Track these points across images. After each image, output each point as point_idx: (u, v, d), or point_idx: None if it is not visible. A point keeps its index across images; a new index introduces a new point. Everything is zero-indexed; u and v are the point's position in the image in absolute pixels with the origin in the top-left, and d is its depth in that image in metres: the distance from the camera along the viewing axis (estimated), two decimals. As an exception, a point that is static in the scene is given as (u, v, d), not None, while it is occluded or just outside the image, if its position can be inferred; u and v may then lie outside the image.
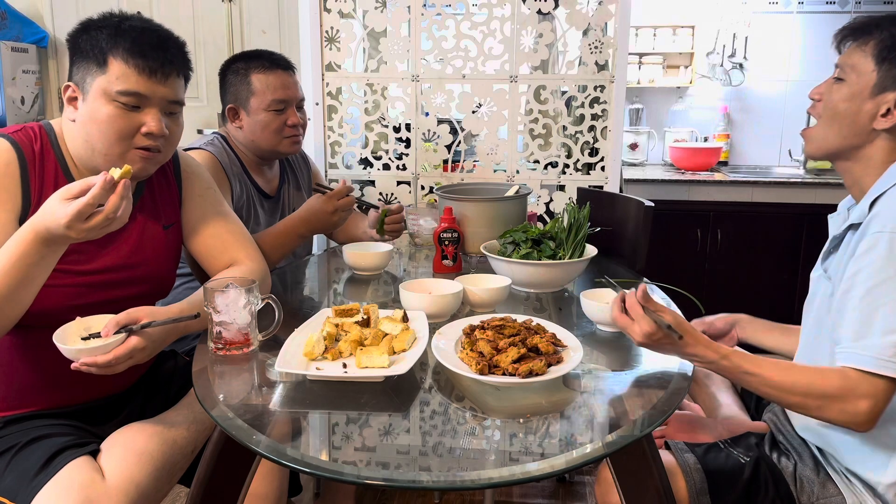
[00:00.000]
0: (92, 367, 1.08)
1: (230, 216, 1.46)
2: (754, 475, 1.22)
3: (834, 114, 1.19)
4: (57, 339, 1.10)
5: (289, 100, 1.81)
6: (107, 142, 1.20)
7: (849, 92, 1.17)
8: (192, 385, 1.14)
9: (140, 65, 1.19)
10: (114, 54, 1.18)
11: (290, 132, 1.82)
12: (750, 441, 1.30)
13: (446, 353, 1.15)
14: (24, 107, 3.03)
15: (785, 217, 2.95)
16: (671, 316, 1.10)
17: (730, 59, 3.33)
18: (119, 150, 1.21)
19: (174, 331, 1.21)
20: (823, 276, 1.24)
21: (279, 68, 1.81)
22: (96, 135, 1.20)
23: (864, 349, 1.05)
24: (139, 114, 1.21)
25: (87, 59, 1.20)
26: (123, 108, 1.19)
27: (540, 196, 2.42)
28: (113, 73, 1.18)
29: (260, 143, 1.82)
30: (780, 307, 3.03)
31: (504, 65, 2.33)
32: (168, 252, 1.38)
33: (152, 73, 1.20)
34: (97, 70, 1.19)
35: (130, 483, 1.11)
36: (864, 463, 1.17)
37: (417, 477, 0.88)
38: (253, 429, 0.96)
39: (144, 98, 1.21)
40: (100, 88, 1.19)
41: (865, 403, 1.03)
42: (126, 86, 1.19)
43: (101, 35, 1.19)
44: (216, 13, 3.12)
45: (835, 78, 1.21)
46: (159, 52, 1.21)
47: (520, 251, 1.63)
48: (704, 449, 1.27)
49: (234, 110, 1.82)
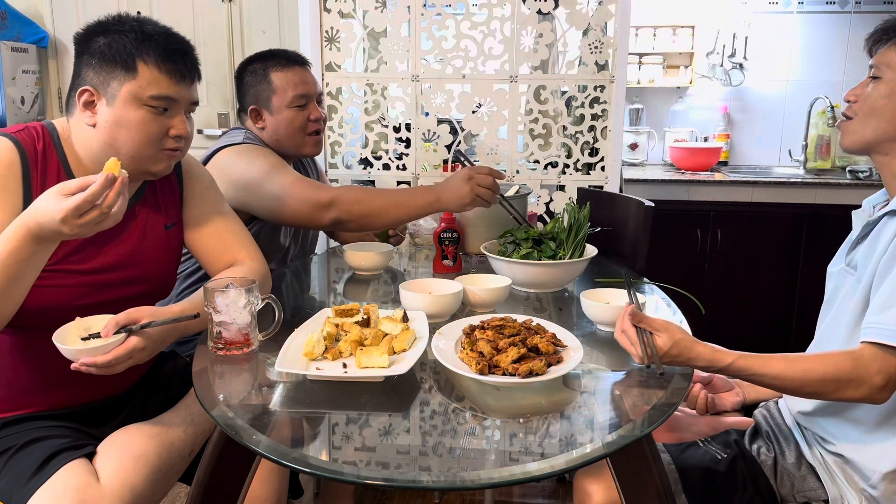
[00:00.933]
0: (91, 367, 1.08)
1: (231, 215, 1.46)
2: (730, 471, 1.23)
3: (873, 109, 1.20)
4: (56, 340, 1.10)
5: (310, 94, 1.82)
6: (136, 145, 1.22)
7: (887, 88, 1.19)
8: (191, 386, 1.14)
9: (171, 70, 1.22)
10: (145, 60, 1.20)
11: (313, 127, 1.83)
12: (729, 438, 1.31)
13: (446, 353, 1.15)
14: (24, 107, 3.03)
15: (785, 217, 2.95)
16: (664, 337, 1.11)
17: (730, 59, 3.34)
18: (149, 153, 1.23)
19: (174, 331, 1.21)
20: (846, 269, 1.25)
21: (297, 64, 1.82)
22: (124, 138, 1.21)
23: (884, 322, 1.07)
24: (166, 117, 1.24)
25: (111, 64, 1.20)
26: (154, 111, 1.22)
27: (540, 196, 2.42)
28: (144, 78, 1.20)
29: (284, 143, 1.82)
30: (780, 307, 3.03)
31: (504, 65, 2.33)
32: (169, 252, 1.38)
33: (182, 78, 1.24)
34: (125, 74, 1.20)
35: (126, 486, 1.11)
36: (862, 451, 1.18)
37: (417, 477, 0.88)
38: (253, 429, 0.96)
39: (174, 102, 1.24)
40: (129, 93, 1.20)
41: (880, 378, 1.06)
42: (159, 90, 1.21)
43: (126, 40, 1.20)
44: (216, 13, 3.12)
45: (871, 77, 1.23)
46: (185, 57, 1.25)
47: (520, 251, 1.63)
48: (683, 447, 1.28)
49: (257, 111, 1.82)
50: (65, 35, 3.15)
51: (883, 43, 1.21)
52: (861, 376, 1.07)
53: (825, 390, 1.10)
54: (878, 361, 1.07)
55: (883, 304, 1.09)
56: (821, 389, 1.10)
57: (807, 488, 1.22)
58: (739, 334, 3.03)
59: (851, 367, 1.07)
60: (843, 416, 1.21)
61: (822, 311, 1.33)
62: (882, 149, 1.22)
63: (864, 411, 1.17)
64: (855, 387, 1.07)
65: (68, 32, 3.13)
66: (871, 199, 1.31)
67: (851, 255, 1.25)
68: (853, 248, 1.26)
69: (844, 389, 1.08)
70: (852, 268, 1.23)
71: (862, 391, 1.07)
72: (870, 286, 1.15)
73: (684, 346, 1.11)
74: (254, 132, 1.84)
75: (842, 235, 1.33)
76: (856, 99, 1.24)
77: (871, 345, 1.08)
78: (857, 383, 1.07)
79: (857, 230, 1.27)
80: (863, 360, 1.07)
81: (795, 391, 1.13)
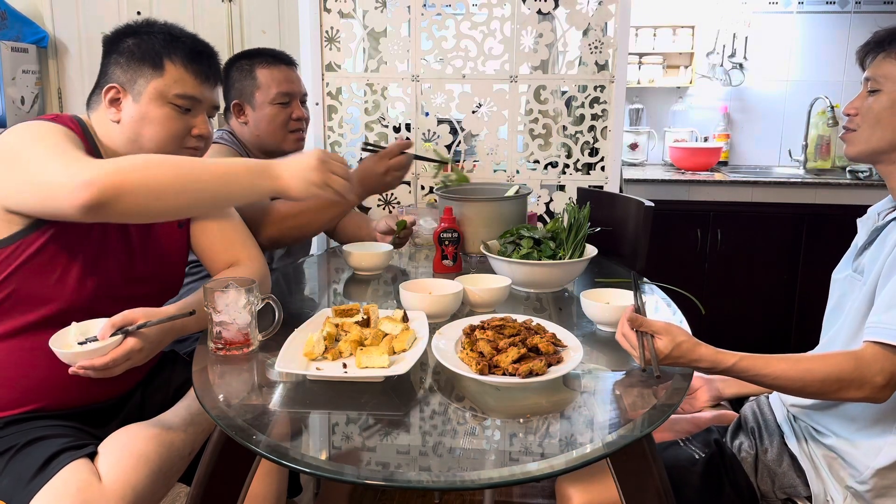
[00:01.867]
0: (90, 370, 1.08)
1: (233, 214, 1.47)
2: (706, 471, 1.25)
3: (878, 120, 1.21)
4: (53, 344, 1.10)
5: (293, 93, 1.84)
6: (158, 142, 1.25)
7: (889, 99, 1.20)
8: (190, 385, 1.14)
9: (197, 70, 1.27)
10: (172, 59, 1.25)
11: (294, 125, 1.85)
12: (710, 436, 1.32)
13: (446, 353, 1.15)
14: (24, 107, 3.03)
15: (785, 217, 2.95)
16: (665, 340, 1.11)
17: (730, 59, 3.34)
18: (171, 150, 1.26)
19: (171, 331, 1.21)
20: (853, 275, 1.25)
21: (283, 63, 1.85)
22: (148, 134, 1.25)
23: (887, 322, 1.08)
24: (189, 117, 1.28)
25: (139, 62, 1.25)
26: (178, 110, 1.26)
27: (540, 196, 2.41)
28: (171, 77, 1.25)
29: (265, 139, 1.84)
30: (780, 307, 3.03)
31: (504, 65, 2.33)
32: (181, 250, 1.41)
33: (206, 79, 1.29)
34: (152, 73, 1.24)
35: (127, 486, 1.11)
36: (856, 446, 1.18)
37: (417, 477, 0.88)
38: (253, 429, 0.96)
39: (197, 102, 1.28)
40: (155, 90, 1.24)
41: (881, 378, 1.07)
42: (184, 89, 1.26)
43: (156, 40, 1.25)
44: (216, 13, 3.12)
45: (868, 91, 1.24)
46: (210, 60, 1.31)
47: (520, 251, 1.63)
48: (663, 447, 1.29)
49: (239, 106, 1.85)
50: (65, 35, 3.15)
51: (875, 55, 1.23)
52: (863, 376, 1.07)
53: (827, 390, 1.10)
54: (879, 361, 1.07)
55: (887, 304, 1.10)
56: (823, 390, 1.10)
57: (787, 483, 1.23)
58: (739, 334, 3.03)
59: (853, 368, 1.08)
60: (839, 411, 1.22)
61: (828, 317, 1.34)
62: (888, 158, 1.23)
63: (861, 407, 1.18)
64: (857, 387, 1.08)
65: (68, 32, 3.13)
66: (876, 207, 1.32)
67: (858, 261, 1.26)
68: (860, 255, 1.26)
69: (846, 390, 1.09)
70: (859, 273, 1.24)
71: (863, 391, 1.08)
72: (874, 288, 1.16)
73: (686, 348, 1.11)
74: (234, 130, 1.86)
75: (842, 235, 1.33)
76: (856, 112, 1.25)
77: (873, 344, 1.09)
78: (858, 383, 1.08)
79: (864, 237, 1.28)
80: (864, 359, 1.08)
81: (798, 391, 1.14)
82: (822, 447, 1.23)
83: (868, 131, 1.23)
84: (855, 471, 1.18)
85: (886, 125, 1.20)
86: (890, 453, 1.15)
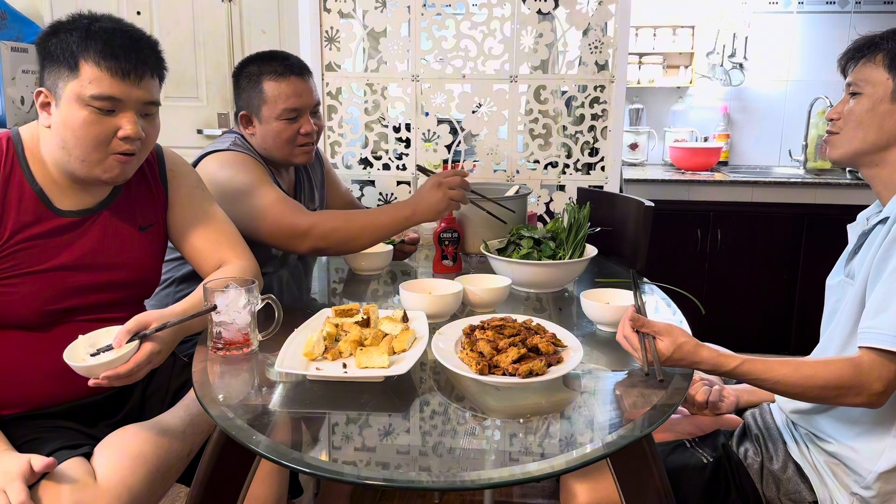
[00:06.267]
0: (113, 379, 1.08)
1: (218, 214, 1.45)
2: (715, 475, 1.25)
3: (859, 123, 1.22)
4: (68, 359, 1.09)
5: (302, 108, 1.75)
6: (84, 148, 1.17)
7: (869, 102, 1.21)
8: (190, 386, 1.13)
9: (113, 67, 1.15)
10: (85, 58, 1.15)
11: (302, 140, 1.77)
12: (717, 441, 1.32)
13: (446, 354, 1.15)
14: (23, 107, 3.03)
15: (785, 217, 2.95)
16: (667, 341, 1.11)
17: (730, 59, 3.33)
18: (97, 156, 1.19)
19: (181, 331, 1.21)
20: (845, 280, 1.26)
21: (292, 74, 1.74)
22: (72, 141, 1.17)
23: (880, 326, 1.08)
24: (114, 118, 1.18)
25: (57, 64, 1.16)
26: (98, 112, 1.16)
27: (540, 196, 2.42)
28: (85, 77, 1.15)
29: (273, 152, 1.77)
30: (780, 307, 3.03)
31: (504, 65, 2.33)
32: (149, 254, 1.37)
33: (126, 76, 1.16)
34: (69, 74, 1.15)
35: (123, 486, 1.11)
36: (858, 450, 1.18)
37: (417, 477, 0.88)
38: (253, 429, 0.96)
39: (118, 101, 1.17)
40: (73, 93, 1.15)
41: (879, 384, 1.08)
42: (99, 90, 1.15)
43: (71, 38, 1.16)
44: (216, 13, 3.12)
45: (850, 94, 1.25)
46: (132, 53, 1.17)
47: (520, 251, 1.63)
48: (670, 448, 1.29)
49: (247, 117, 1.78)
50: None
51: (856, 61, 1.24)
52: (862, 383, 1.08)
53: (827, 396, 1.11)
54: (877, 368, 1.08)
55: (878, 307, 1.10)
56: (822, 395, 1.11)
57: (792, 490, 1.23)
58: (739, 334, 3.03)
59: (853, 375, 1.08)
60: (839, 415, 1.21)
61: (825, 322, 1.34)
62: (870, 160, 1.24)
63: (861, 410, 1.18)
64: (855, 393, 1.09)
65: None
66: (864, 213, 1.33)
67: (849, 266, 1.26)
68: (850, 260, 1.27)
69: (845, 396, 1.10)
70: (850, 278, 1.24)
71: (862, 397, 1.09)
72: (864, 291, 1.17)
73: (688, 350, 1.11)
74: (245, 137, 1.81)
75: (842, 236, 1.33)
76: (839, 116, 1.26)
77: (869, 350, 1.09)
78: (857, 390, 1.09)
79: (853, 242, 1.28)
80: (863, 367, 1.08)
81: (797, 396, 1.14)
82: (823, 454, 1.23)
83: (850, 133, 1.24)
84: (858, 476, 1.18)
85: (868, 127, 1.21)
86: (891, 457, 1.14)
